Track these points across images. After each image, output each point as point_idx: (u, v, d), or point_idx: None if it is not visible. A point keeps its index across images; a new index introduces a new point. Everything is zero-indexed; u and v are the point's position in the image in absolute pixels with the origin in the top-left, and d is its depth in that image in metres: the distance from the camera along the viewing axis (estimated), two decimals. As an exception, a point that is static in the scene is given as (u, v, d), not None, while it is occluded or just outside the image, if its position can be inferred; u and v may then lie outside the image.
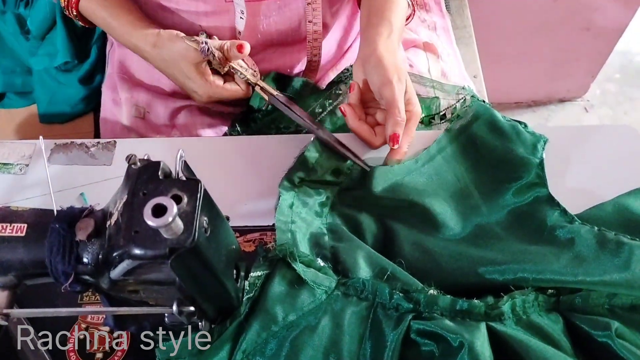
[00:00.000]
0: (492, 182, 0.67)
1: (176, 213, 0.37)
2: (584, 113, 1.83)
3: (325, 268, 0.58)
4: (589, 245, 0.58)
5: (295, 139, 0.74)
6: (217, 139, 0.82)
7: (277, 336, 0.54)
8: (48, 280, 0.45)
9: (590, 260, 0.57)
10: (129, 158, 0.44)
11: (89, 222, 0.44)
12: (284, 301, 0.55)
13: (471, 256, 0.60)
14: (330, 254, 0.60)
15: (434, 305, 0.54)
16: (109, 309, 0.49)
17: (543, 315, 0.54)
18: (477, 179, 0.67)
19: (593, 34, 1.55)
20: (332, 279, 0.57)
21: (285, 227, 0.61)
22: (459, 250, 0.61)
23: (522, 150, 0.67)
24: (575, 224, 0.61)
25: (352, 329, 0.54)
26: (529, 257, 0.58)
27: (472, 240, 0.62)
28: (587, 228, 0.60)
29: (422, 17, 1.07)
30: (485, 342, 0.51)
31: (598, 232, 0.59)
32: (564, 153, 0.71)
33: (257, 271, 0.57)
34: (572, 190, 0.67)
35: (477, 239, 0.62)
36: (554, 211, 0.63)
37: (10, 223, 0.45)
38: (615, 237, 0.58)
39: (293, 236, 0.60)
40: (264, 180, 0.69)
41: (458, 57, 1.06)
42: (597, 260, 0.56)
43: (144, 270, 0.43)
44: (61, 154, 0.73)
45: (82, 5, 0.78)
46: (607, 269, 0.55)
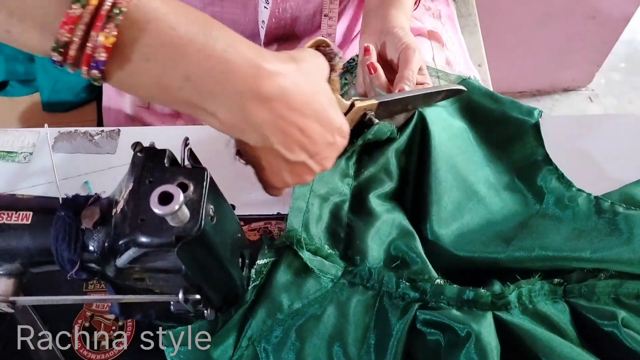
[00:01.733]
0: (490, 144, 0.68)
1: (183, 201, 0.37)
2: (588, 102, 1.82)
3: (332, 255, 0.58)
4: (587, 216, 0.61)
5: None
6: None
7: (283, 324, 0.54)
8: (54, 268, 0.45)
9: (589, 230, 0.59)
10: (135, 145, 0.44)
11: (95, 210, 0.43)
12: (289, 289, 0.55)
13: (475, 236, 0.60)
14: (345, 234, 0.60)
15: (441, 295, 0.54)
16: (114, 296, 0.49)
17: (549, 304, 0.54)
18: (477, 140, 0.69)
19: (598, 23, 1.54)
20: (339, 267, 0.57)
21: (303, 200, 0.60)
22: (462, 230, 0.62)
23: (518, 113, 0.69)
24: (573, 190, 0.63)
25: (357, 317, 0.54)
26: (530, 230, 0.59)
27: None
28: (584, 196, 0.63)
29: (427, 5, 1.06)
30: (492, 331, 0.51)
31: (595, 201, 0.62)
32: (569, 143, 0.71)
33: (264, 259, 0.57)
34: (577, 180, 0.67)
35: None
36: (552, 176, 0.65)
37: (15, 211, 0.45)
38: (611, 207, 0.61)
39: (308, 209, 0.59)
40: (268, 169, 0.69)
41: (463, 46, 1.06)
42: (595, 230, 0.59)
43: (150, 258, 0.43)
44: (65, 142, 0.73)
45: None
46: (607, 245, 0.56)
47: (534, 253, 0.57)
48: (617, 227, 0.58)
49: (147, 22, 0.37)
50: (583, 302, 0.54)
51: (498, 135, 0.69)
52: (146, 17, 0.37)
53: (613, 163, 0.69)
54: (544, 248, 0.57)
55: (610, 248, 0.56)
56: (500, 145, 0.68)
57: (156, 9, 0.37)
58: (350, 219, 0.61)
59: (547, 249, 0.57)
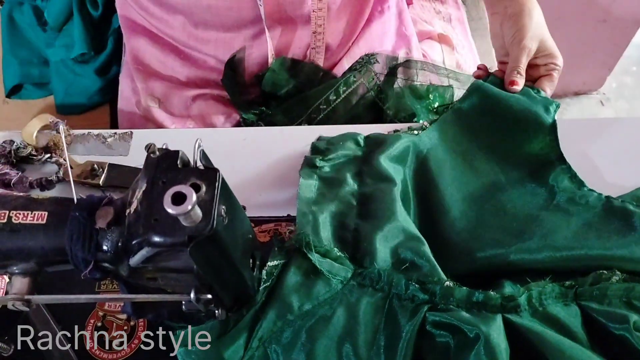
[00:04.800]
0: (504, 140, 0.69)
1: (195, 201, 0.38)
2: (600, 106, 1.81)
3: (342, 258, 0.58)
4: (599, 213, 0.61)
5: (309, 130, 0.74)
6: (232, 130, 0.83)
7: (293, 325, 0.54)
8: (68, 267, 0.46)
9: (599, 227, 0.59)
10: (148, 147, 0.45)
11: (109, 210, 0.44)
12: (299, 291, 0.55)
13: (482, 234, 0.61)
14: (352, 238, 0.60)
15: (450, 297, 0.54)
16: (127, 295, 0.49)
17: (560, 307, 0.54)
18: (491, 137, 0.69)
19: (610, 26, 1.53)
20: (348, 269, 0.57)
21: (307, 208, 0.61)
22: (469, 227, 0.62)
23: (535, 109, 0.69)
24: (584, 190, 0.64)
25: (367, 319, 0.54)
26: (540, 224, 0.60)
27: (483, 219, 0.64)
28: (595, 195, 0.63)
29: (438, 9, 1.06)
30: (501, 334, 0.51)
31: (605, 200, 0.63)
32: (580, 146, 0.71)
33: (274, 260, 0.57)
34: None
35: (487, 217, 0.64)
36: (565, 175, 0.65)
37: (31, 211, 0.45)
38: (622, 205, 0.61)
39: (314, 217, 0.60)
40: (278, 171, 0.69)
41: (473, 49, 1.06)
42: (606, 227, 0.59)
43: (162, 258, 0.43)
44: (78, 144, 0.74)
45: None
46: (621, 242, 0.57)
47: (543, 254, 0.57)
48: (631, 224, 0.58)
49: None
50: (594, 305, 0.54)
51: (513, 129, 0.69)
52: None
53: (624, 167, 0.69)
54: (553, 247, 0.57)
55: (624, 246, 0.56)
56: (514, 139, 0.68)
57: None
58: (357, 224, 0.61)
59: (556, 247, 0.57)
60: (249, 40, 0.83)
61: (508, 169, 0.67)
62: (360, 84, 0.80)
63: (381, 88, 0.83)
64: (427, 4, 1.08)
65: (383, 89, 0.83)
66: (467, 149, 0.69)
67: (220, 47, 0.82)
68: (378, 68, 0.84)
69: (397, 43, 0.93)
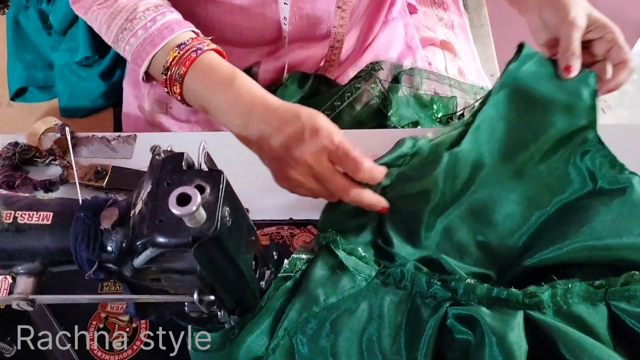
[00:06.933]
0: (541, 123, 0.66)
1: (200, 202, 0.38)
2: (601, 114, 1.81)
3: (365, 258, 0.59)
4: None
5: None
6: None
7: (318, 316, 0.55)
8: (72, 267, 0.46)
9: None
10: (153, 149, 0.45)
11: (114, 211, 0.45)
12: (325, 284, 0.56)
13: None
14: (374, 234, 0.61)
15: (471, 294, 0.54)
16: (130, 296, 0.49)
17: (587, 306, 0.53)
18: (526, 121, 0.67)
19: (611, 34, 1.54)
20: (372, 268, 0.58)
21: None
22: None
23: (572, 87, 0.66)
24: (626, 173, 0.61)
25: (390, 314, 0.55)
26: (578, 213, 0.59)
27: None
28: (638, 178, 0.61)
29: (440, 16, 1.07)
30: (520, 331, 0.50)
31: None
32: (582, 152, 0.71)
33: (300, 254, 0.58)
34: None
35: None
36: (605, 160, 0.63)
37: (37, 211, 0.46)
38: None
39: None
40: (281, 175, 0.70)
41: (475, 56, 1.06)
42: None
43: (166, 259, 0.44)
44: (82, 147, 0.74)
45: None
46: None
47: (579, 244, 0.56)
48: None
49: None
50: (624, 305, 0.52)
51: (550, 115, 0.66)
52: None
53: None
54: (591, 235, 0.56)
55: None
56: (552, 125, 0.66)
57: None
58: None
59: (593, 236, 0.56)
60: (264, 56, 0.83)
61: (547, 149, 0.65)
62: (364, 91, 0.80)
63: (385, 95, 0.84)
64: (430, 10, 1.09)
65: (387, 96, 0.84)
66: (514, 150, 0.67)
67: (235, 61, 0.82)
68: (383, 75, 0.85)
69: (403, 53, 0.94)
